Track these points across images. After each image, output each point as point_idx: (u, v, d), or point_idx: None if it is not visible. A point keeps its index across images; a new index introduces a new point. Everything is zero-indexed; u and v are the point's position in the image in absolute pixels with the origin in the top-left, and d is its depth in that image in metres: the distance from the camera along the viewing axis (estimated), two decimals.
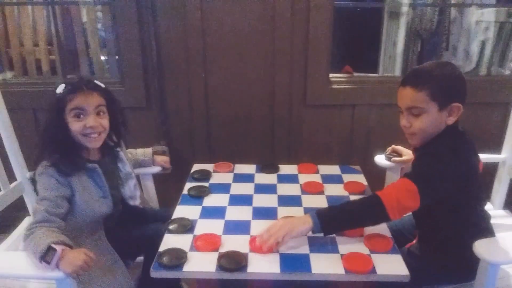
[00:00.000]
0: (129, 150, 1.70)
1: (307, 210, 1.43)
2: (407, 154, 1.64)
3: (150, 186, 1.77)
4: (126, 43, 2.04)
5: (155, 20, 2.01)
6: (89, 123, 1.31)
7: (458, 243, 1.25)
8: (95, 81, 1.39)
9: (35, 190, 1.36)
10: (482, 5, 2.52)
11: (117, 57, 2.24)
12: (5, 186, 1.57)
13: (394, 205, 1.17)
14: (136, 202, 1.54)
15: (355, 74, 2.37)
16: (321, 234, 1.22)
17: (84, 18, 2.27)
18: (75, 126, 1.31)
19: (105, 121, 1.37)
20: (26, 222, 1.70)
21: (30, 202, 1.66)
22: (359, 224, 1.27)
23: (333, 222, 1.23)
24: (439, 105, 1.21)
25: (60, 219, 1.25)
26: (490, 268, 1.13)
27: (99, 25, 2.28)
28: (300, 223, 1.21)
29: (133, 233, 1.46)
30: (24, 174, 1.65)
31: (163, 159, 1.77)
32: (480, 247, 1.13)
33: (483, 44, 2.57)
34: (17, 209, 1.67)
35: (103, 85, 1.39)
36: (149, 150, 1.75)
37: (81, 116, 1.31)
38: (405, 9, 2.28)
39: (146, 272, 1.41)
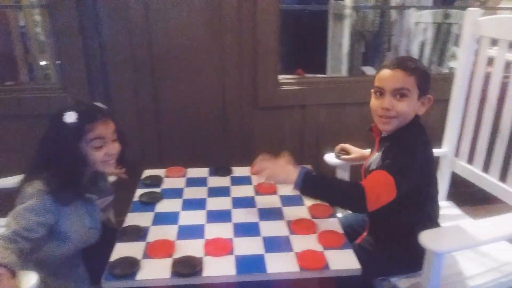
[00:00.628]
0: None
1: (261, 211, 1.44)
2: (355, 152, 1.69)
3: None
4: (68, 48, 1.96)
5: (97, 24, 1.95)
6: (110, 151, 1.31)
7: (408, 234, 1.29)
8: (101, 105, 1.35)
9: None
10: (421, 7, 2.65)
11: (58, 62, 2.15)
12: None
13: (373, 199, 1.19)
14: (109, 215, 1.52)
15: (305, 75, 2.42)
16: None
17: (22, 22, 2.17)
18: (96, 155, 1.28)
19: (118, 145, 1.35)
20: None
21: None
22: (335, 204, 1.33)
23: (314, 190, 1.26)
24: (419, 93, 1.30)
25: (26, 243, 1.17)
26: (435, 258, 1.18)
27: (38, 29, 2.17)
28: (286, 176, 1.26)
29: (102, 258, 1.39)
30: None
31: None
32: (425, 237, 1.18)
33: (422, 44, 2.71)
34: None
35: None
36: None
37: (102, 144, 1.28)
38: (348, 11, 2.36)
39: None
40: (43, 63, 2.11)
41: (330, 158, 1.75)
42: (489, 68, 1.66)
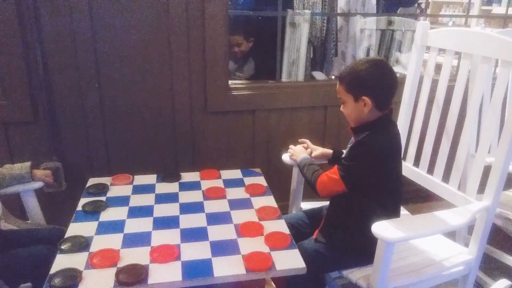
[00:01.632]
0: (5, 165, 1.57)
1: (209, 216, 1.44)
2: (316, 149, 1.74)
3: (32, 202, 1.63)
4: (7, 55, 1.87)
5: (38, 27, 1.88)
6: None
7: (363, 227, 1.34)
8: None
9: None
10: (365, 14, 2.74)
11: None
12: None
13: (321, 188, 1.45)
14: None
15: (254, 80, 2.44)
16: None
17: None
18: None
19: None
20: None
21: None
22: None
23: (301, 170, 1.59)
24: (353, 97, 1.40)
25: None
26: (386, 246, 1.24)
27: None
28: (294, 157, 1.67)
29: (19, 258, 1.33)
30: None
31: (44, 173, 1.65)
32: (377, 227, 1.25)
33: (368, 50, 2.80)
34: None
35: None
36: (26, 164, 1.61)
37: None
38: (302, 19, 2.41)
39: None
40: None
41: (286, 157, 1.77)
42: (436, 76, 1.76)
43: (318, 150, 1.73)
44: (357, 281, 1.40)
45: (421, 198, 2.20)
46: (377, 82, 1.38)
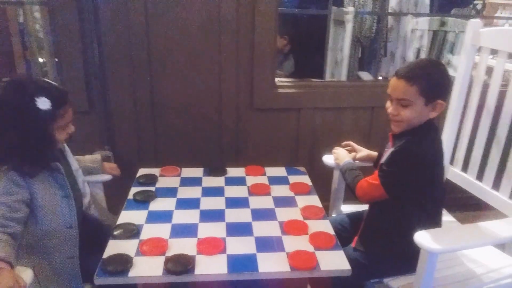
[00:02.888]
0: (76, 156, 1.64)
1: (254, 211, 1.46)
2: (362, 150, 1.72)
3: (100, 195, 1.71)
4: (66, 45, 1.97)
5: (96, 22, 1.96)
6: (71, 130, 1.36)
7: (405, 236, 1.29)
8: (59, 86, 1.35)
9: None
10: (417, 14, 2.67)
11: (56, 59, 2.16)
12: None
13: (361, 194, 1.44)
14: (86, 200, 1.51)
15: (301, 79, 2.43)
16: None
17: (21, 19, 2.17)
18: (61, 136, 1.32)
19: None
20: None
21: None
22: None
23: (343, 175, 1.58)
24: (426, 100, 1.31)
25: (16, 224, 1.19)
26: (430, 257, 1.20)
27: (37, 26, 2.18)
28: (340, 161, 1.64)
29: (96, 256, 1.32)
30: None
31: (111, 167, 1.72)
32: (421, 237, 1.21)
33: (418, 51, 2.74)
34: None
35: None
36: (98, 157, 1.69)
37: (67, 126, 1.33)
38: (348, 17, 2.38)
39: None
40: (41, 60, 2.12)
41: (328, 159, 1.76)
42: (488, 77, 1.69)
43: (363, 152, 1.70)
44: None
45: (470, 207, 2.13)
46: (449, 86, 1.36)
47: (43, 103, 1.22)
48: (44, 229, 1.30)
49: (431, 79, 1.31)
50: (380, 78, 2.63)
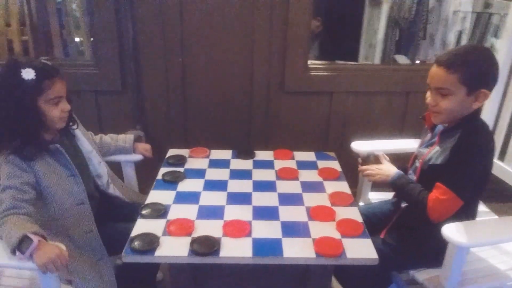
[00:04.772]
0: (110, 135, 1.69)
1: (281, 196, 1.45)
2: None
3: (131, 174, 1.74)
4: (102, 25, 2.00)
5: (131, 3, 1.97)
6: (66, 108, 1.35)
7: (438, 227, 1.25)
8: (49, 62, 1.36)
9: None
10: None
11: (92, 39, 2.19)
12: None
13: (436, 217, 1.26)
14: (104, 180, 1.53)
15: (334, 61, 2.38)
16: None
17: None
18: (54, 112, 1.31)
19: (69, 103, 1.39)
20: None
21: None
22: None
23: (399, 190, 1.42)
24: (468, 89, 1.23)
25: (27, 205, 1.23)
26: (458, 251, 1.17)
27: (74, 6, 2.22)
28: (385, 175, 1.40)
29: (118, 230, 1.40)
30: None
31: (145, 147, 1.74)
32: (449, 230, 1.17)
33: (460, 33, 2.61)
34: None
35: None
36: (130, 137, 1.72)
37: (58, 101, 1.32)
38: None
39: (126, 269, 1.41)
40: (77, 39, 2.16)
41: (357, 146, 1.72)
42: None
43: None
44: (424, 281, 1.34)
45: (507, 197, 2.04)
46: (496, 74, 1.25)
47: (27, 73, 1.24)
48: (57, 209, 1.33)
49: (474, 67, 1.23)
50: (417, 62, 2.53)
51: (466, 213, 1.31)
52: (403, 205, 1.46)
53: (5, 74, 1.27)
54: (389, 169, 1.42)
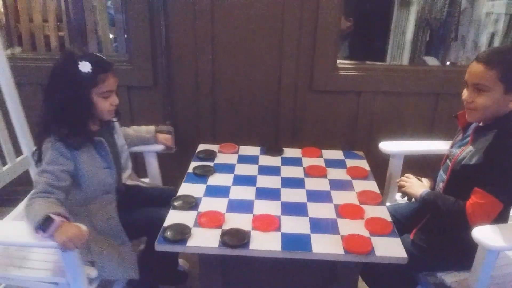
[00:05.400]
0: (132, 127, 1.74)
1: (309, 193, 1.46)
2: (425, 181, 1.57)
3: (153, 163, 1.79)
4: (135, 22, 2.05)
5: (164, 1, 2.02)
6: (115, 102, 1.41)
7: (468, 230, 1.23)
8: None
9: (37, 163, 1.38)
10: None
11: (125, 35, 2.25)
12: (11, 159, 1.60)
13: (478, 221, 1.23)
14: (126, 174, 1.59)
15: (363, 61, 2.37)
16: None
17: None
18: (104, 105, 1.37)
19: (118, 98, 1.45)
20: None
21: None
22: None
23: (430, 204, 1.37)
24: (506, 87, 1.22)
25: (60, 192, 1.28)
26: (487, 254, 1.15)
27: (109, 3, 2.28)
28: (415, 190, 1.43)
29: (138, 216, 1.48)
30: (31, 148, 1.68)
31: (166, 138, 1.79)
32: (479, 232, 1.16)
33: (492, 35, 2.56)
34: (23, 183, 1.70)
35: None
36: (152, 128, 1.77)
37: (109, 95, 1.38)
38: None
39: (147, 253, 1.46)
40: (111, 36, 2.22)
41: (385, 146, 1.72)
42: None
43: (426, 183, 1.56)
44: (452, 284, 1.33)
45: None
46: None
47: (84, 66, 1.30)
48: (87, 195, 1.39)
49: None
50: (447, 63, 2.50)
51: (500, 216, 1.29)
52: None
53: (63, 65, 1.34)
54: (419, 186, 1.45)
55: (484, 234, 1.16)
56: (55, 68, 1.35)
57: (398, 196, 1.61)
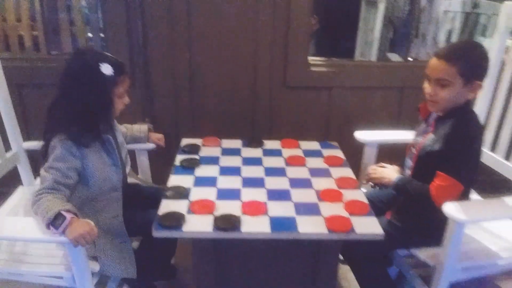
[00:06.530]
0: (124, 125, 1.78)
1: (291, 180, 1.57)
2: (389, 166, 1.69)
3: (145, 161, 1.86)
4: (112, 21, 2.09)
5: (141, 2, 2.06)
6: (127, 101, 1.49)
7: (438, 210, 1.36)
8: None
9: (43, 159, 1.41)
10: None
11: (102, 35, 2.27)
12: (1, 155, 1.62)
13: (442, 203, 1.33)
14: (127, 170, 1.64)
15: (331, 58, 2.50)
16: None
17: None
18: (119, 104, 1.45)
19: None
20: (20, 191, 1.76)
21: (24, 172, 1.72)
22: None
23: (403, 189, 1.48)
24: (465, 80, 1.35)
25: (66, 189, 1.33)
26: (456, 227, 1.29)
27: (83, 2, 2.29)
28: (388, 176, 1.53)
29: (137, 215, 1.54)
30: (20, 145, 1.70)
31: (158, 137, 1.85)
32: (448, 208, 1.30)
33: (450, 32, 2.75)
34: (11, 179, 1.72)
35: None
36: (144, 127, 1.82)
37: (124, 95, 1.45)
38: None
39: (142, 252, 1.53)
40: (90, 35, 2.24)
41: (360, 135, 1.86)
42: None
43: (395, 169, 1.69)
44: (425, 259, 1.46)
45: (498, 190, 2.19)
46: (487, 67, 1.38)
47: (106, 69, 1.35)
48: (94, 193, 1.44)
49: (471, 60, 1.35)
50: (410, 59, 2.66)
51: (462, 197, 1.43)
52: None
53: (84, 68, 1.36)
54: (392, 173, 1.56)
55: (454, 209, 1.30)
56: (72, 69, 1.38)
57: (370, 186, 1.73)
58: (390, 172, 1.57)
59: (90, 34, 2.24)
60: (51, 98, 1.42)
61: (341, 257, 1.66)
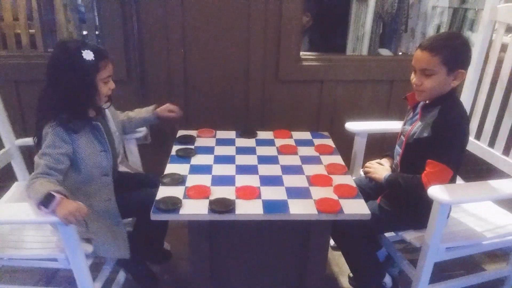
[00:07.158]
0: (135, 110, 1.86)
1: (283, 167, 1.63)
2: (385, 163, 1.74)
3: (134, 150, 1.91)
4: (108, 18, 2.14)
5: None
6: (112, 86, 1.54)
7: (422, 198, 1.43)
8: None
9: (36, 147, 1.47)
10: None
11: (96, 32, 2.32)
12: None
13: (431, 182, 1.39)
14: (119, 159, 1.70)
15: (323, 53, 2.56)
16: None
17: None
18: (104, 89, 1.49)
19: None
20: (15, 187, 1.81)
21: (19, 168, 1.77)
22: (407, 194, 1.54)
23: (393, 183, 1.54)
24: (448, 69, 1.42)
25: (58, 174, 1.39)
26: (441, 208, 1.36)
27: (79, 1, 2.34)
28: (379, 174, 1.59)
29: (128, 198, 1.59)
30: (12, 142, 1.75)
31: (168, 107, 1.88)
32: (433, 190, 1.36)
33: (438, 27, 2.82)
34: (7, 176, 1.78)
35: None
36: (150, 107, 1.87)
37: (108, 80, 1.49)
38: None
39: (136, 234, 1.59)
40: (85, 32, 2.29)
41: (350, 126, 1.93)
42: (502, 53, 1.81)
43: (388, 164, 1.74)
44: (411, 240, 1.53)
45: (483, 176, 2.26)
46: (470, 56, 1.45)
47: (88, 54, 1.41)
48: (85, 178, 1.49)
49: (453, 49, 1.42)
50: (399, 53, 2.73)
51: (450, 181, 1.49)
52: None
53: (66, 55, 1.41)
54: (383, 170, 1.62)
55: (438, 191, 1.36)
56: (56, 59, 1.43)
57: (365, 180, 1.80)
58: (382, 171, 1.62)
59: (85, 32, 2.29)
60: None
61: (332, 243, 1.73)
